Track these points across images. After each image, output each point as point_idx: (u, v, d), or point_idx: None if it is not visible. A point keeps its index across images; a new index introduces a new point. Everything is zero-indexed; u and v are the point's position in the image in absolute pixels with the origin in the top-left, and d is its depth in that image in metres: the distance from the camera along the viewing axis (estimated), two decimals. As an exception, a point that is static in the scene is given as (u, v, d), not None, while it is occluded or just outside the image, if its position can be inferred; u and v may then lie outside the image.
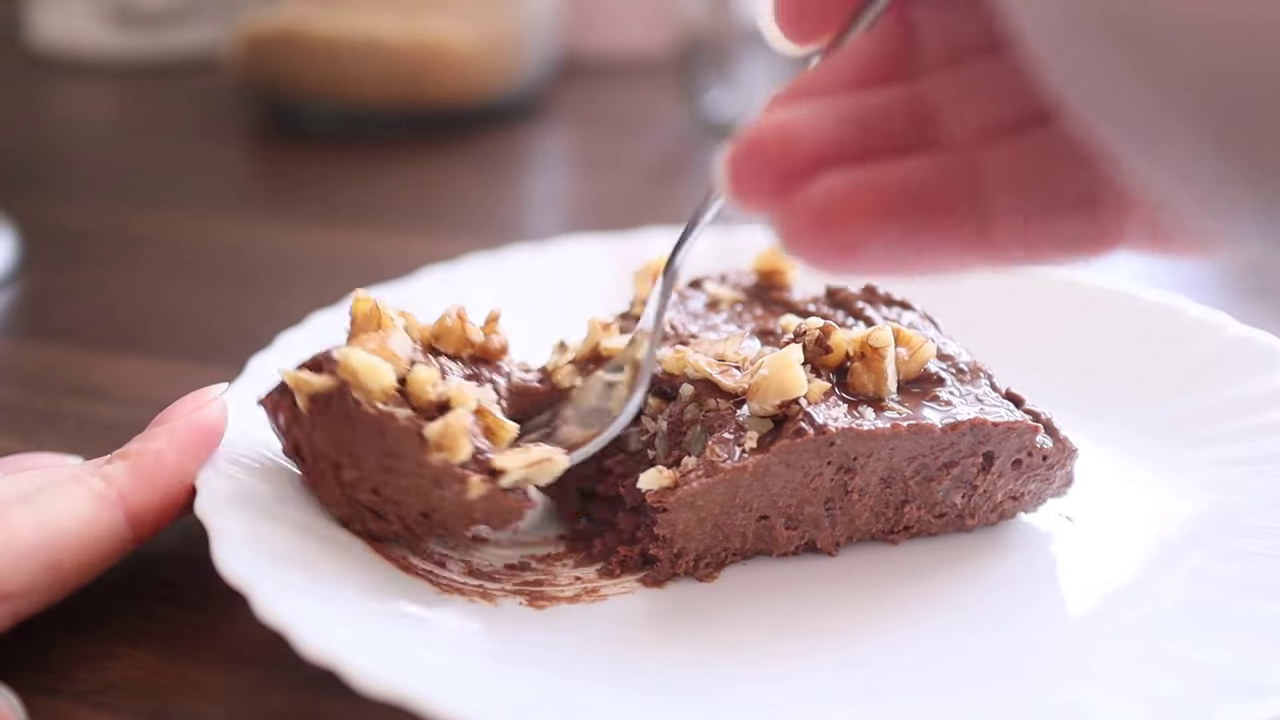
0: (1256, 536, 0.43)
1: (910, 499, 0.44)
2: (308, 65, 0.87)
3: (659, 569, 0.43)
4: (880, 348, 0.43)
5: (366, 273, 0.60)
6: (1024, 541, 0.46)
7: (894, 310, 0.49)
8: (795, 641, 0.40)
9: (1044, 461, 0.45)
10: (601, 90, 1.02)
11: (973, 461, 0.44)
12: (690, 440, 0.43)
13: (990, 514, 0.46)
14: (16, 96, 1.01)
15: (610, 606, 0.42)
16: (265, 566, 0.38)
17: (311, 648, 0.35)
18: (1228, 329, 0.52)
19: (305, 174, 0.85)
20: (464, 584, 0.42)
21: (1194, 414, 0.50)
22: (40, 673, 0.39)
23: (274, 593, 0.36)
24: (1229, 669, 0.37)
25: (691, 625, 0.41)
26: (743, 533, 0.43)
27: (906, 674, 0.39)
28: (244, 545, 0.39)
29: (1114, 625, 0.40)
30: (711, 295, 0.50)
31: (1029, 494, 0.46)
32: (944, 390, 0.44)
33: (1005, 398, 0.45)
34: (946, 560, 0.45)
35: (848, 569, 0.44)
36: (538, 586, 0.43)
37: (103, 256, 0.71)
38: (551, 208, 0.85)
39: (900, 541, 0.45)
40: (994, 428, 0.44)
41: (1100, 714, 0.36)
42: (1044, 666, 0.39)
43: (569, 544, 0.45)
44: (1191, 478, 0.47)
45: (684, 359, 0.44)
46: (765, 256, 0.52)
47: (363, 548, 0.42)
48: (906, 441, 0.43)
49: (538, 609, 0.41)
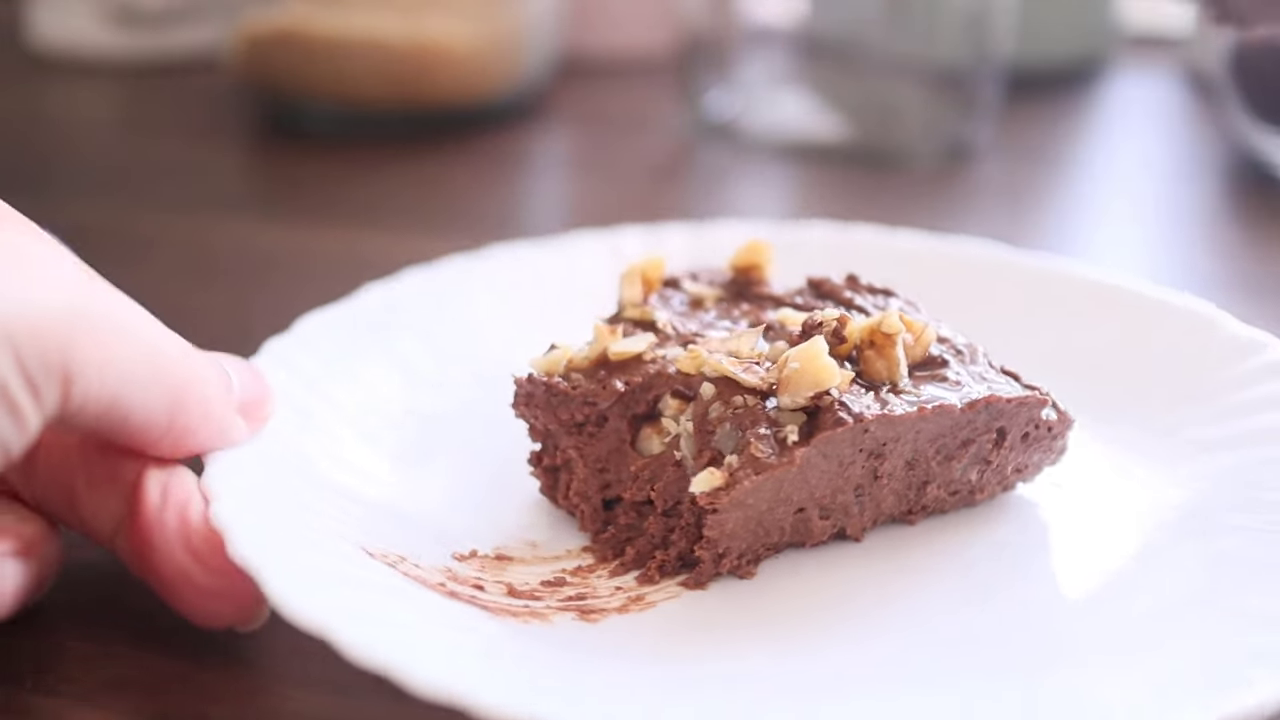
0: (1256, 523, 0.44)
1: (931, 479, 0.46)
2: (308, 65, 0.88)
3: (702, 571, 0.43)
4: (893, 334, 0.44)
5: (367, 272, 0.60)
6: (1030, 513, 0.47)
7: (879, 298, 0.51)
8: (848, 625, 0.41)
9: (1049, 433, 0.47)
10: (601, 90, 1.03)
11: (987, 438, 0.46)
12: (721, 439, 0.43)
13: (996, 487, 0.47)
14: (16, 96, 1.01)
15: (660, 613, 0.42)
16: (326, 600, 0.37)
17: (423, 684, 0.34)
18: (1224, 324, 0.53)
19: (305, 174, 0.85)
20: (511, 605, 0.41)
21: (1188, 406, 0.51)
22: (40, 672, 0.39)
23: (361, 635, 0.35)
24: (1227, 654, 0.37)
25: (746, 620, 0.42)
26: (781, 526, 0.44)
27: (971, 647, 0.40)
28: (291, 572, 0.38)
29: (1118, 605, 0.42)
30: (694, 294, 0.51)
31: (1031, 465, 0.48)
32: (950, 371, 0.45)
33: (1003, 374, 0.47)
34: (962, 536, 0.46)
35: (871, 552, 0.45)
36: (581, 600, 0.42)
37: (103, 256, 0.71)
38: (551, 208, 0.85)
39: (918, 521, 0.46)
40: (1007, 403, 0.45)
41: (1107, 695, 0.37)
42: (1058, 642, 0.40)
43: (597, 554, 0.45)
44: (1186, 468, 0.48)
45: (700, 358, 0.44)
46: (743, 252, 0.52)
47: (400, 576, 0.41)
48: (930, 423, 0.44)
49: (591, 623, 0.41)
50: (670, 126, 0.94)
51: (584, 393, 0.45)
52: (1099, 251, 0.75)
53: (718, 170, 0.87)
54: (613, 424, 0.46)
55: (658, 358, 0.46)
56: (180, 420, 0.39)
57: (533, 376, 0.46)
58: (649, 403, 0.45)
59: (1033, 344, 0.54)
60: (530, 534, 0.46)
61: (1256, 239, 0.76)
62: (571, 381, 0.45)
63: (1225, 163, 0.88)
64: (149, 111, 0.98)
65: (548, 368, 0.46)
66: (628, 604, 0.42)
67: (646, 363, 0.46)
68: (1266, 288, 0.69)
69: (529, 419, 0.47)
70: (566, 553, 0.45)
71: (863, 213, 0.73)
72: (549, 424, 0.46)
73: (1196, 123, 0.99)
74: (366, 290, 0.56)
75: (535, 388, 0.46)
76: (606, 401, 0.45)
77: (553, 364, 0.46)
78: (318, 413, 0.48)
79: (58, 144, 0.92)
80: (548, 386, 0.46)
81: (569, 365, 0.46)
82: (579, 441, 0.46)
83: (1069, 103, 1.03)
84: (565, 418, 0.46)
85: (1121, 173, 0.90)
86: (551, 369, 0.46)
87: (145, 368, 0.37)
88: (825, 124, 0.89)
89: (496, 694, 0.34)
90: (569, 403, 0.45)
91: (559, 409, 0.46)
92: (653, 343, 0.46)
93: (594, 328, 0.47)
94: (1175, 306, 0.54)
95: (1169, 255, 0.76)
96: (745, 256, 0.52)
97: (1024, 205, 0.82)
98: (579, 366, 0.46)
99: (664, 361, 0.46)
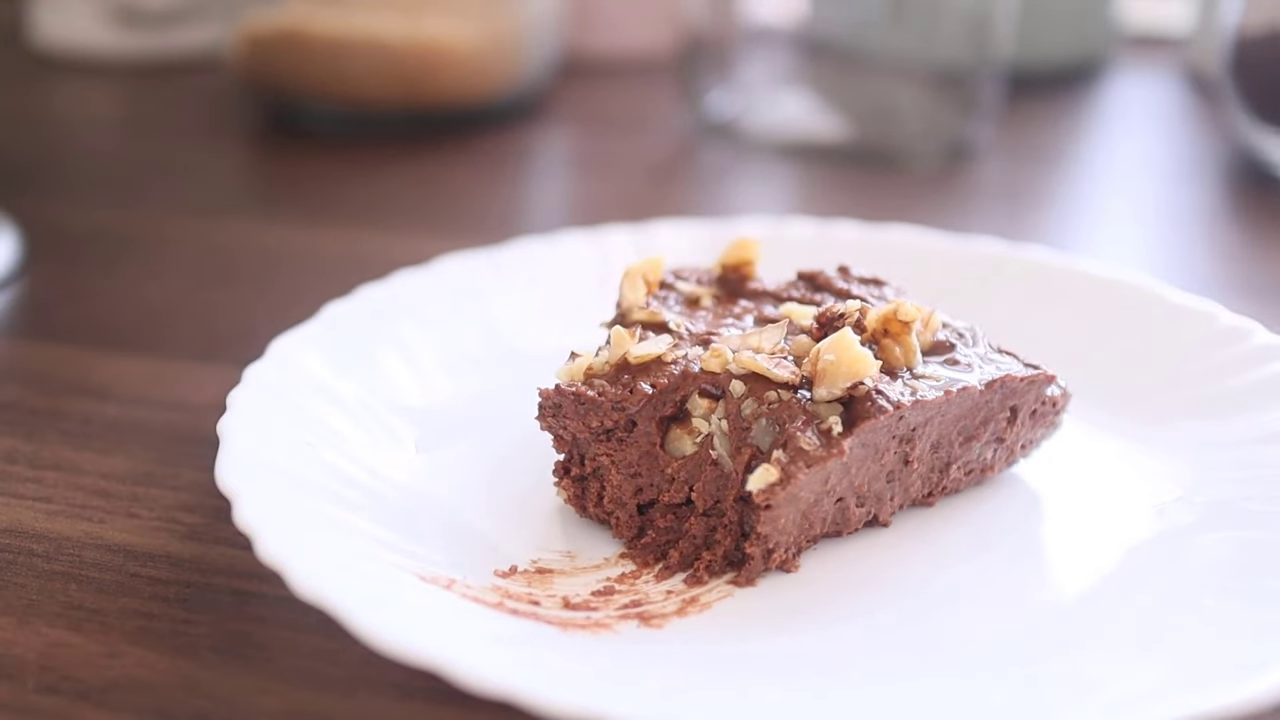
0: (1258, 517, 0.45)
1: (954, 460, 0.47)
2: (309, 65, 0.88)
3: (751, 567, 0.43)
4: (909, 320, 0.45)
5: (367, 272, 0.61)
6: (1040, 495, 0.49)
7: (872, 287, 0.51)
8: (896, 609, 0.42)
9: (1053, 408, 0.49)
10: (601, 90, 1.03)
11: (1002, 416, 0.47)
12: (757, 434, 0.43)
13: (1004, 463, 0.49)
14: (18, 96, 1.01)
15: (719, 613, 0.42)
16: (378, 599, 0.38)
17: (554, 704, 0.34)
18: (1219, 318, 0.54)
19: (306, 174, 0.85)
20: (573, 618, 0.41)
21: (1184, 400, 0.52)
22: (41, 671, 0.39)
23: (475, 664, 0.35)
24: (1232, 643, 0.38)
25: (800, 612, 0.42)
26: (823, 518, 0.44)
27: (1022, 625, 0.41)
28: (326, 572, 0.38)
29: (1132, 587, 0.42)
30: (688, 293, 0.51)
31: (1035, 440, 0.49)
32: (958, 354, 0.47)
33: (1002, 353, 0.48)
34: (981, 517, 0.47)
35: (900, 536, 0.46)
36: (638, 607, 0.42)
37: (104, 256, 0.71)
38: (551, 208, 0.85)
39: (935, 502, 0.48)
40: (1020, 382, 0.46)
41: (1116, 682, 0.37)
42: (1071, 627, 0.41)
43: (637, 560, 0.45)
44: (1180, 459, 0.49)
45: (724, 356, 0.44)
46: (733, 249, 0.52)
47: (459, 599, 0.41)
48: (954, 405, 0.45)
49: (655, 629, 0.41)
50: (670, 126, 0.94)
51: (612, 398, 0.45)
52: (1099, 251, 0.75)
53: (718, 170, 0.87)
54: (642, 428, 0.45)
55: (679, 358, 0.46)
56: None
57: (559, 387, 0.45)
58: (676, 404, 0.45)
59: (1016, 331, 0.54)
60: (563, 544, 0.45)
61: (1256, 239, 0.76)
62: (596, 388, 0.45)
63: (1225, 163, 0.89)
64: (150, 111, 0.98)
65: (571, 376, 0.46)
66: (684, 607, 0.42)
67: (669, 364, 0.45)
68: (1266, 288, 0.69)
69: (556, 430, 0.46)
70: (605, 561, 0.45)
71: (863, 212, 0.73)
72: (578, 433, 0.46)
73: (1196, 123, 0.99)
74: (367, 289, 0.56)
75: (563, 398, 0.45)
76: (635, 405, 0.45)
77: (575, 372, 0.46)
78: (329, 420, 0.48)
79: (59, 143, 0.92)
80: (576, 395, 0.45)
81: (589, 372, 0.46)
82: (609, 448, 0.45)
83: (1069, 103, 1.03)
84: (595, 425, 0.45)
85: (1121, 173, 0.90)
86: (574, 377, 0.46)
87: None
88: (826, 124, 0.89)
89: (628, 705, 0.34)
90: (598, 410, 0.45)
91: (588, 417, 0.45)
92: (672, 344, 0.46)
93: (612, 333, 0.46)
94: (1166, 296, 0.56)
95: (1168, 255, 0.76)
96: (735, 254, 0.52)
97: (1024, 205, 0.82)
98: (600, 372, 0.46)
99: (686, 361, 0.45)
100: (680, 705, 0.36)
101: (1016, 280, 0.59)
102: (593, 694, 0.34)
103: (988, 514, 0.47)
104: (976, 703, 0.37)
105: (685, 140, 0.92)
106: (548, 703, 0.34)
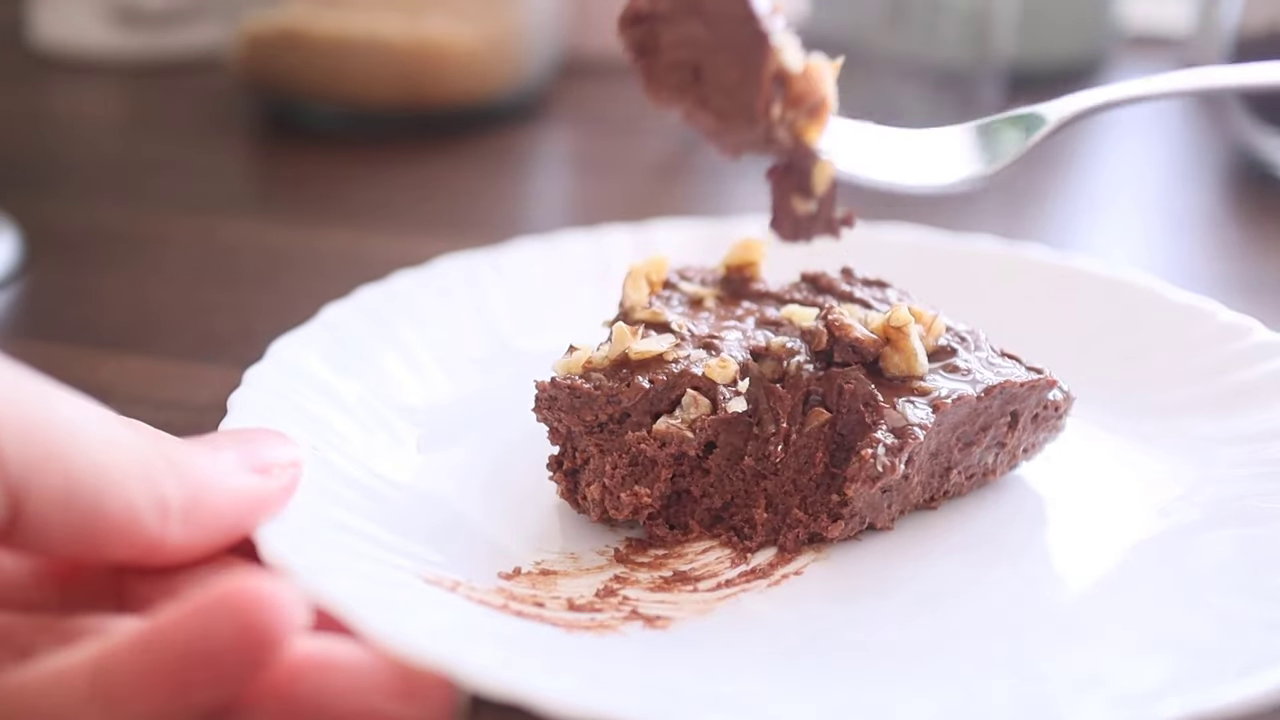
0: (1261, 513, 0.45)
1: (953, 465, 0.47)
2: (309, 65, 0.88)
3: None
4: (902, 325, 0.45)
5: (368, 271, 0.61)
6: (1042, 496, 0.49)
7: (873, 290, 0.51)
8: (896, 610, 0.42)
9: (1055, 412, 0.48)
10: (601, 90, 1.03)
11: (1003, 421, 0.47)
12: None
13: (1007, 466, 0.49)
14: (18, 96, 1.01)
15: (723, 614, 0.42)
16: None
17: (564, 705, 0.34)
18: (1218, 316, 0.54)
19: (307, 173, 0.85)
20: (577, 619, 0.41)
21: (1184, 398, 0.52)
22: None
23: (486, 666, 0.35)
24: (1235, 642, 0.38)
25: (807, 614, 0.42)
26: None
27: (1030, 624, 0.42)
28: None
29: (1135, 585, 0.43)
30: (692, 294, 0.51)
31: (1037, 444, 0.49)
32: (959, 359, 0.47)
33: (1004, 357, 0.48)
34: (984, 520, 0.47)
35: (903, 541, 0.46)
36: (639, 608, 0.42)
37: (104, 256, 0.71)
38: (551, 208, 0.85)
39: (939, 506, 0.48)
40: (1020, 387, 0.46)
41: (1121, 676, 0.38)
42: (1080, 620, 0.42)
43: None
44: (1181, 457, 0.49)
45: (730, 368, 0.46)
46: (737, 250, 0.52)
47: (464, 600, 0.41)
48: (950, 414, 0.45)
49: (661, 629, 0.41)
50: (670, 126, 0.94)
51: (607, 392, 0.45)
52: (1099, 251, 0.75)
53: (718, 170, 0.87)
54: (635, 420, 0.45)
55: (680, 358, 0.46)
56: (170, 502, 0.35)
57: (555, 380, 0.46)
58: (671, 401, 0.45)
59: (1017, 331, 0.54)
60: (563, 544, 0.45)
61: (1256, 238, 0.77)
62: (593, 382, 0.45)
63: (1225, 163, 0.89)
64: (151, 111, 0.98)
65: (568, 369, 0.46)
66: (689, 607, 0.42)
67: (669, 363, 0.46)
68: (1266, 287, 0.69)
69: (551, 422, 0.46)
70: (608, 561, 0.45)
71: (863, 212, 0.73)
72: (572, 425, 0.46)
73: (1196, 123, 0.99)
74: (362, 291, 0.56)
75: (558, 391, 0.45)
76: (631, 399, 0.45)
77: (573, 365, 0.46)
78: (330, 421, 0.48)
79: (59, 143, 0.92)
80: (571, 389, 0.45)
81: (587, 365, 0.46)
82: (600, 439, 0.45)
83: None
84: (590, 419, 0.45)
85: (1121, 172, 0.90)
86: (571, 370, 0.46)
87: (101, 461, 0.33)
88: (825, 124, 0.89)
89: (634, 706, 0.34)
90: (592, 403, 0.45)
91: (583, 410, 0.45)
92: (674, 343, 0.47)
93: (614, 329, 0.46)
94: (1165, 295, 0.56)
95: (1168, 254, 0.76)
96: (740, 255, 0.52)
97: (1024, 205, 0.82)
98: (599, 367, 0.46)
99: (687, 362, 0.46)
100: (686, 706, 0.36)
101: (1016, 279, 0.59)
102: (600, 695, 0.34)
103: (989, 514, 0.48)
104: (981, 700, 0.37)
105: (685, 140, 0.92)
106: (559, 704, 0.34)
